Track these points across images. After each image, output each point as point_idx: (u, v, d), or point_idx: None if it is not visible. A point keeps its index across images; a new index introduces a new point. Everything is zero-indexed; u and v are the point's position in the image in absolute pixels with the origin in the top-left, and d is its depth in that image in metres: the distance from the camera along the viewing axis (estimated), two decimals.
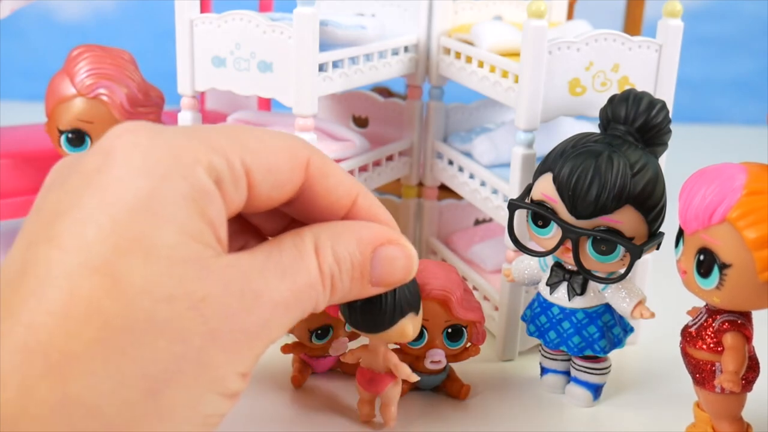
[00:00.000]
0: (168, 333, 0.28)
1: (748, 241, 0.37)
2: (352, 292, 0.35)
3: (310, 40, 0.49)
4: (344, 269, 0.34)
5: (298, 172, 0.35)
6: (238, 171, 0.32)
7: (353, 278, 0.35)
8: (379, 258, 0.36)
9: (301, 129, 0.50)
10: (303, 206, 0.36)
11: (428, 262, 0.47)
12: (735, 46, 1.17)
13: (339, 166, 0.37)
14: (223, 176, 0.31)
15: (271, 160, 0.33)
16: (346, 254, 0.34)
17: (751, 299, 0.38)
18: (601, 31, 0.49)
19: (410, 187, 0.63)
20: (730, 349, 0.40)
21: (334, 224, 0.35)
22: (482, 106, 0.64)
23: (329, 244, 0.34)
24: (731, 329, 0.40)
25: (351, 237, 0.35)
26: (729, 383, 0.40)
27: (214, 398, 0.31)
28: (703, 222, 0.38)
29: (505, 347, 0.53)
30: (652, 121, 0.43)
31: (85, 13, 1.14)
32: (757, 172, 0.38)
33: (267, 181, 0.33)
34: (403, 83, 0.62)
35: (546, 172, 0.44)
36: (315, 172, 0.35)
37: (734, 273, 0.38)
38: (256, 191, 0.33)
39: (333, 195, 0.36)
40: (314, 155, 0.35)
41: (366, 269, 0.35)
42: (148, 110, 0.58)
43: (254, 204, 0.34)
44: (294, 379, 0.49)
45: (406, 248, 0.37)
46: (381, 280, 0.36)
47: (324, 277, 0.34)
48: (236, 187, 0.32)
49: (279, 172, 0.34)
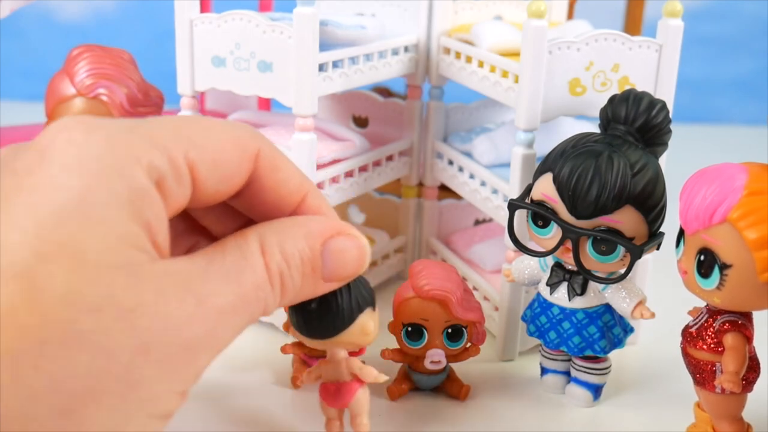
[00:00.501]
0: (91, 346, 0.26)
1: (748, 241, 0.37)
2: (304, 290, 0.33)
3: (310, 40, 0.49)
4: (294, 266, 0.32)
5: (246, 164, 0.33)
6: (181, 167, 0.30)
7: (304, 275, 0.33)
8: (329, 251, 0.34)
9: (301, 129, 0.50)
10: (251, 200, 0.34)
11: (428, 262, 0.47)
12: (735, 46, 1.17)
13: (290, 160, 0.35)
14: (164, 174, 0.29)
15: (218, 154, 0.31)
16: (295, 250, 0.32)
17: (751, 300, 0.38)
18: (601, 31, 0.49)
19: (410, 187, 0.63)
20: (730, 350, 0.40)
21: (280, 221, 0.34)
22: (482, 106, 0.64)
23: (276, 241, 0.32)
24: (732, 330, 0.40)
25: (298, 232, 0.33)
26: (729, 383, 0.40)
27: (142, 420, 0.28)
28: (703, 222, 0.38)
29: (505, 347, 0.53)
30: (652, 121, 0.43)
31: (85, 13, 1.14)
32: (758, 173, 0.38)
33: (213, 175, 0.31)
34: (403, 83, 0.62)
35: (546, 172, 0.44)
36: (264, 164, 0.33)
37: (735, 273, 0.38)
38: (201, 186, 0.31)
39: (283, 189, 0.34)
40: (264, 147, 0.33)
41: (317, 264, 0.33)
42: (148, 110, 0.58)
43: (200, 199, 0.32)
44: (294, 379, 0.49)
45: (357, 239, 0.35)
46: (334, 275, 0.34)
47: (272, 276, 0.32)
48: (179, 183, 0.30)
49: (226, 166, 0.32)
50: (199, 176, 0.31)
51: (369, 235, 0.61)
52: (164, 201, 0.29)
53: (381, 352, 0.48)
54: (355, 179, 0.56)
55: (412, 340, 0.46)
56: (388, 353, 0.48)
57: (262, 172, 0.34)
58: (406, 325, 0.46)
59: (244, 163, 0.33)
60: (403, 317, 0.46)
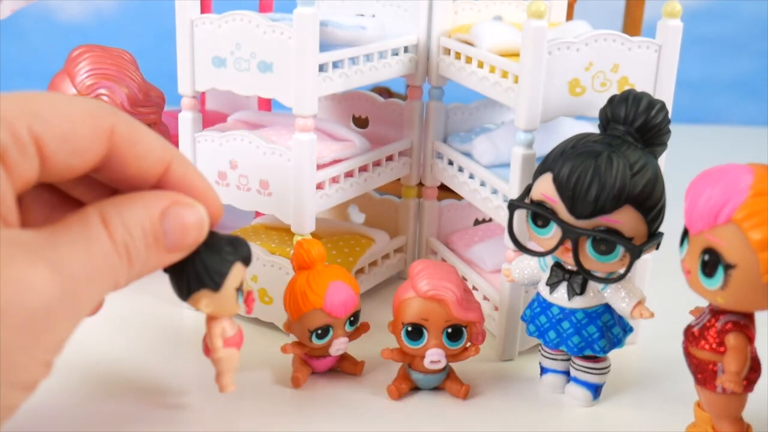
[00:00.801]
0: None
1: (753, 242, 0.37)
2: (150, 261, 0.35)
3: (310, 40, 0.49)
4: (137, 237, 0.34)
5: (100, 140, 0.34)
6: (24, 140, 0.31)
7: (148, 245, 0.34)
8: (169, 220, 0.35)
9: (301, 129, 0.50)
10: (113, 174, 0.36)
11: (428, 262, 0.47)
12: (735, 46, 1.17)
13: (151, 132, 0.36)
14: (5, 146, 0.30)
15: (67, 127, 0.33)
16: (136, 221, 0.34)
17: (755, 300, 0.38)
18: (601, 32, 0.49)
19: (410, 187, 0.63)
20: (732, 350, 0.40)
21: (119, 197, 0.35)
22: (482, 106, 0.64)
23: (115, 213, 0.34)
24: (734, 330, 0.40)
25: (136, 204, 0.34)
26: (730, 384, 0.40)
27: (4, 390, 0.29)
28: (708, 222, 0.38)
29: (505, 347, 0.53)
30: (651, 122, 0.44)
31: (85, 13, 1.14)
32: (763, 174, 0.38)
33: (62, 149, 0.33)
34: (403, 83, 0.62)
35: (546, 172, 0.44)
36: (121, 139, 0.35)
37: (739, 274, 0.38)
38: (51, 160, 0.32)
39: (143, 162, 0.36)
40: (120, 122, 0.35)
41: (159, 234, 0.35)
42: (149, 110, 0.58)
43: (54, 172, 0.33)
44: (294, 379, 0.49)
45: (194, 207, 0.36)
46: (176, 244, 0.36)
47: (118, 247, 0.33)
48: (24, 156, 0.31)
49: (76, 139, 0.33)
50: (46, 149, 0.32)
51: (369, 235, 0.61)
52: (7, 173, 0.31)
53: (381, 352, 0.48)
54: (355, 179, 0.56)
55: (412, 339, 0.47)
56: (388, 353, 0.48)
57: (121, 146, 0.35)
58: (406, 324, 0.46)
59: (97, 137, 0.34)
60: (403, 317, 0.46)
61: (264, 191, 0.53)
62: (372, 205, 0.66)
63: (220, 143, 0.54)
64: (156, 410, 0.46)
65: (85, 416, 0.45)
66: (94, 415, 0.45)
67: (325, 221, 0.63)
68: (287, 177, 0.52)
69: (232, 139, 0.53)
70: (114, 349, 0.52)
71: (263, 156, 0.52)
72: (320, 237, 0.58)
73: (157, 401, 0.47)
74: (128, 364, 0.51)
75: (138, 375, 0.50)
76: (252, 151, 0.52)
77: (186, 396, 0.48)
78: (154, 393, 0.48)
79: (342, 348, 0.49)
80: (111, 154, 0.35)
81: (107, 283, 0.33)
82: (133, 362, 0.51)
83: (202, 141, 0.55)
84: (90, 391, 0.48)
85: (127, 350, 0.52)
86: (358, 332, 0.50)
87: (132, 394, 0.48)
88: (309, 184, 0.51)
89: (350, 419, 0.46)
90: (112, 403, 0.47)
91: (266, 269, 0.54)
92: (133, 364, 0.51)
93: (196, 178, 0.38)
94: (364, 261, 0.59)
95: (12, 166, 0.31)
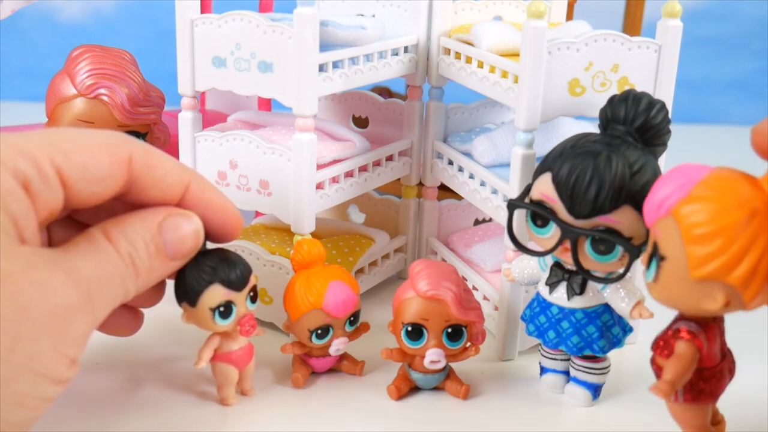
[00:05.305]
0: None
1: (684, 234, 0.36)
2: (155, 269, 0.38)
3: (310, 40, 0.49)
4: (139, 247, 0.37)
5: (119, 167, 0.37)
6: (47, 171, 0.34)
7: (150, 254, 0.38)
8: (167, 230, 0.39)
9: (301, 129, 0.51)
10: (137, 198, 0.39)
11: (428, 262, 0.47)
12: (735, 46, 1.17)
13: (168, 157, 0.39)
14: (30, 177, 0.34)
15: (86, 158, 0.36)
16: (136, 234, 0.37)
17: (684, 296, 0.37)
18: (601, 32, 0.49)
19: (410, 187, 0.63)
20: (675, 357, 0.38)
21: (119, 216, 0.38)
22: (482, 106, 0.64)
23: (118, 230, 0.37)
24: (685, 338, 0.38)
25: (135, 220, 0.38)
26: (658, 390, 0.38)
27: (30, 378, 0.32)
28: (653, 214, 0.38)
29: (505, 347, 0.53)
30: (651, 122, 0.44)
31: (85, 13, 1.14)
32: (721, 174, 0.37)
33: (84, 178, 0.36)
34: (403, 83, 0.62)
35: (545, 171, 0.44)
36: (139, 165, 0.38)
37: (668, 266, 0.37)
38: (74, 188, 0.36)
39: (162, 184, 0.39)
40: (137, 150, 0.38)
41: (159, 244, 0.38)
42: (149, 110, 0.58)
43: (77, 200, 0.36)
44: (294, 379, 0.49)
45: (189, 217, 0.40)
46: (176, 252, 0.39)
47: (123, 257, 0.36)
48: (48, 186, 0.35)
49: (96, 169, 0.36)
50: (68, 179, 0.35)
51: (369, 235, 0.61)
52: (32, 200, 0.34)
53: (381, 352, 0.48)
54: (355, 179, 0.56)
55: (412, 339, 0.47)
56: (387, 353, 0.48)
57: (140, 172, 0.38)
58: (406, 324, 0.46)
59: (116, 165, 0.37)
60: (403, 317, 0.46)
61: (264, 191, 0.53)
62: (372, 205, 0.66)
63: (220, 143, 0.54)
64: (155, 410, 0.46)
65: (84, 415, 0.45)
66: (92, 414, 0.46)
67: (325, 221, 0.64)
68: (287, 177, 0.52)
69: (232, 139, 0.53)
70: (114, 349, 0.52)
71: (263, 156, 0.52)
72: (320, 237, 0.58)
73: (157, 401, 0.47)
74: (128, 363, 0.51)
75: (138, 375, 0.50)
76: (252, 151, 0.52)
77: (186, 396, 0.48)
78: (153, 392, 0.48)
79: (342, 348, 0.49)
80: (132, 179, 0.38)
81: (117, 287, 0.36)
82: (132, 362, 0.51)
83: (202, 141, 0.55)
84: (90, 391, 0.48)
85: (127, 350, 0.52)
86: (358, 332, 0.50)
87: (132, 394, 0.48)
88: (309, 184, 0.51)
89: (350, 419, 0.46)
90: (111, 403, 0.47)
91: (266, 269, 0.54)
92: (133, 364, 0.51)
93: (215, 195, 0.41)
94: (364, 261, 0.59)
95: (36, 196, 0.34)
